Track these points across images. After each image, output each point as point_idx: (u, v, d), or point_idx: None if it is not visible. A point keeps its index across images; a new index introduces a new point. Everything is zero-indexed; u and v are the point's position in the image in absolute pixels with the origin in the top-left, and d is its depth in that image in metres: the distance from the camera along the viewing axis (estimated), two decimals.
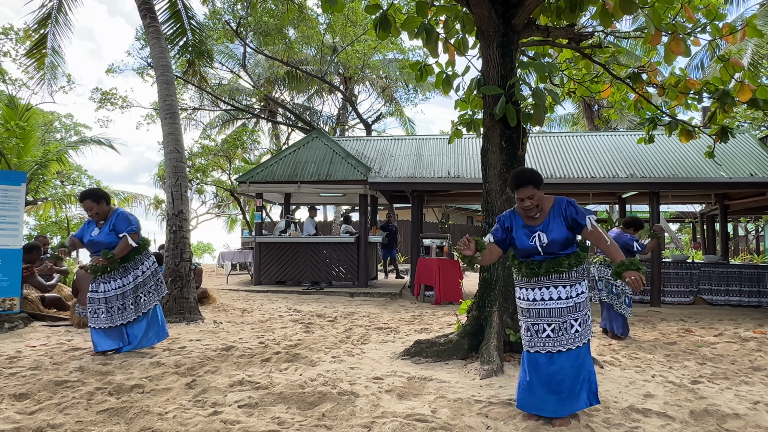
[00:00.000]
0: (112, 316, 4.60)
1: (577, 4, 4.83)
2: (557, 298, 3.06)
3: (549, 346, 3.04)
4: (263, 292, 10.12)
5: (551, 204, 3.13)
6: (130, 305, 4.66)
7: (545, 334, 3.05)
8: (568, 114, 25.16)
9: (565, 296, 3.06)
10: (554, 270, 3.05)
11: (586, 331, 3.07)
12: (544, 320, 3.07)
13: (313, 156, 11.29)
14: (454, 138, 6.27)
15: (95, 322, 4.60)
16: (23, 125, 13.05)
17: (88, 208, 4.62)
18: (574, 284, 3.07)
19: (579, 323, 3.05)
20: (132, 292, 4.68)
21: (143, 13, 7.70)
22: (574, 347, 3.03)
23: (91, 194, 4.64)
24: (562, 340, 3.03)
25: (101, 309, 4.59)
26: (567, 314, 3.05)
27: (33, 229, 17.84)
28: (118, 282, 4.64)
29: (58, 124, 26.38)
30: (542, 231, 3.08)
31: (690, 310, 8.77)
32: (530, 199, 3.05)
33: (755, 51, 13.47)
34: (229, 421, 2.98)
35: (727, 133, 5.91)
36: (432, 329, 6.24)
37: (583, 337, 3.05)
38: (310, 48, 20.84)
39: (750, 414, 3.27)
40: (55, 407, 3.19)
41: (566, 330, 3.04)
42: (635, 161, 10.15)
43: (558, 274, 3.06)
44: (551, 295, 3.07)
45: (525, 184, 3.05)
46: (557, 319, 3.05)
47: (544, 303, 3.08)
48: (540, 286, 3.10)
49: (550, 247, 3.06)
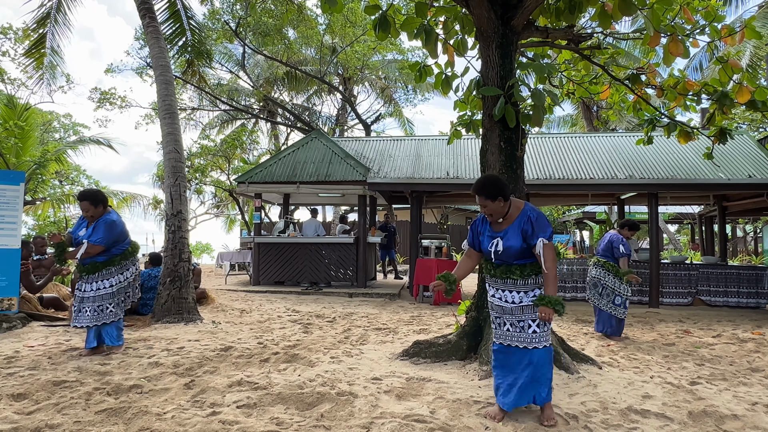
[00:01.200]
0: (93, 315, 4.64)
1: (576, 6, 4.83)
2: (510, 301, 3.17)
3: (509, 339, 3.17)
4: (262, 292, 10.11)
5: (519, 212, 3.13)
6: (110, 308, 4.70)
7: (505, 327, 3.19)
8: (567, 115, 25.19)
9: (518, 301, 3.15)
10: (506, 276, 3.15)
11: (545, 333, 3.12)
12: (504, 316, 3.20)
13: (312, 156, 11.29)
14: (453, 139, 6.27)
15: (78, 320, 4.64)
16: (22, 125, 13.03)
17: (84, 209, 4.65)
18: (527, 291, 3.14)
19: (537, 324, 3.11)
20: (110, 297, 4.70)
21: (142, 13, 7.69)
22: (531, 347, 3.11)
23: (90, 197, 4.65)
24: (520, 336, 3.14)
25: (85, 308, 4.65)
26: (521, 314, 3.14)
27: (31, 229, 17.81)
28: (99, 284, 4.69)
29: (57, 123, 26.35)
30: (501, 238, 3.13)
31: (688, 311, 8.78)
32: (484, 207, 3.11)
33: (754, 52, 13.50)
34: (228, 421, 2.98)
35: (725, 134, 5.92)
36: (431, 330, 6.24)
37: (542, 339, 3.11)
38: (309, 48, 20.83)
39: (748, 415, 3.27)
40: (54, 407, 3.18)
41: (523, 329, 3.13)
42: (634, 162, 10.16)
43: (512, 280, 3.14)
44: (506, 298, 3.19)
45: (478, 193, 3.10)
46: (512, 316, 3.16)
47: (500, 301, 3.22)
48: (498, 287, 3.23)
49: (504, 255, 3.12)
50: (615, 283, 5.98)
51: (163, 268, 6.75)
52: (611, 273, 6.02)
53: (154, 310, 6.57)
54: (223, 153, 18.05)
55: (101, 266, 4.68)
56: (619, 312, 5.95)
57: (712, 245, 13.69)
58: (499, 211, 3.10)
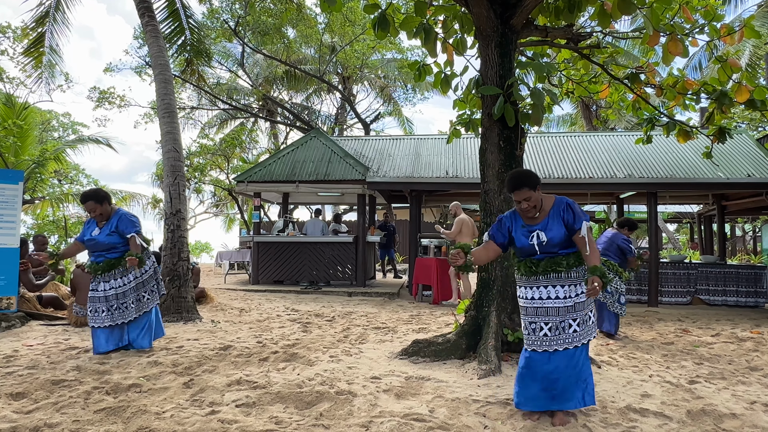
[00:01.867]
0: (113, 314, 4.60)
1: (576, 5, 4.83)
2: (555, 297, 3.07)
3: (546, 344, 3.05)
4: (261, 291, 10.11)
5: (552, 203, 3.14)
6: (131, 304, 4.66)
7: (542, 332, 3.07)
8: (567, 114, 25.20)
9: (563, 296, 3.06)
10: (552, 269, 3.06)
11: (585, 331, 3.06)
12: (541, 319, 3.08)
13: (311, 155, 11.29)
14: (453, 138, 6.28)
15: (96, 321, 4.59)
16: (21, 124, 13.01)
17: (90, 210, 4.60)
18: (573, 284, 3.08)
19: (578, 323, 3.05)
20: (133, 290, 4.69)
21: (141, 11, 7.68)
22: (571, 347, 3.03)
23: (93, 196, 4.62)
24: (560, 339, 3.04)
25: (101, 308, 4.59)
26: (565, 314, 3.05)
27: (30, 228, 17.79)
28: (118, 281, 4.65)
29: (56, 122, 26.30)
30: (541, 230, 3.10)
31: (687, 310, 8.78)
32: (527, 201, 3.07)
33: (753, 52, 13.51)
34: (227, 420, 2.98)
35: (724, 133, 5.92)
36: (430, 329, 6.24)
37: (582, 337, 3.05)
38: (308, 47, 20.82)
39: (747, 414, 3.28)
40: (52, 406, 3.18)
41: (564, 329, 3.04)
42: (633, 161, 10.17)
43: (556, 273, 3.07)
44: (549, 294, 3.08)
45: (520, 187, 3.05)
46: (554, 318, 3.06)
47: (542, 302, 3.09)
48: (538, 285, 3.11)
49: (548, 246, 3.07)
50: (617, 281, 6.00)
51: (162, 267, 6.75)
52: (612, 272, 6.03)
53: None
54: (222, 152, 18.03)
55: (116, 263, 4.62)
56: (623, 310, 5.95)
57: (711, 244, 13.71)
58: (539, 200, 3.10)
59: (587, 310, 3.10)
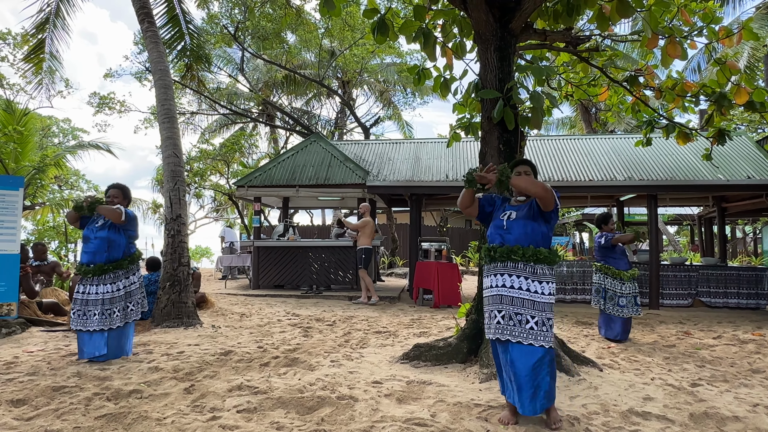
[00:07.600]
0: (103, 319, 4.55)
1: (574, 8, 4.84)
2: (510, 287, 3.11)
3: (499, 332, 3.09)
4: (262, 296, 10.10)
5: None
6: (117, 312, 4.63)
7: (496, 320, 3.13)
8: (566, 117, 25.27)
9: (518, 286, 3.09)
10: (508, 257, 3.13)
11: (544, 333, 3.02)
12: (495, 306, 3.14)
13: (311, 160, 11.30)
14: (453, 141, 6.27)
15: (82, 324, 4.52)
16: (21, 130, 13.02)
17: (114, 195, 4.78)
18: (533, 280, 3.08)
19: (536, 321, 3.03)
20: (121, 299, 4.67)
21: (141, 17, 7.70)
22: (526, 343, 3.01)
23: (122, 188, 4.90)
24: (514, 330, 3.05)
25: (81, 311, 4.56)
26: (521, 306, 3.06)
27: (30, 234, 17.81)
28: (107, 287, 4.63)
29: (56, 128, 26.35)
30: (515, 211, 3.28)
31: (688, 312, 8.77)
32: (526, 173, 3.34)
33: (751, 54, 13.53)
34: (228, 426, 2.97)
35: (724, 135, 5.93)
36: (431, 333, 6.23)
37: (540, 338, 3.01)
38: (308, 52, 20.87)
39: (749, 416, 3.27)
40: (53, 413, 3.17)
41: (520, 323, 3.05)
42: (633, 164, 10.17)
43: (513, 262, 3.11)
44: (504, 283, 3.13)
45: (526, 164, 3.41)
46: (508, 306, 3.09)
47: (497, 290, 3.16)
48: (496, 273, 3.19)
49: (515, 227, 3.17)
50: (614, 284, 5.99)
51: (163, 272, 6.74)
52: (609, 275, 6.03)
53: (154, 315, 6.55)
54: (223, 157, 18.06)
55: (108, 268, 4.61)
56: (625, 312, 5.91)
57: (712, 246, 13.70)
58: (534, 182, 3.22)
59: (547, 314, 3.07)
